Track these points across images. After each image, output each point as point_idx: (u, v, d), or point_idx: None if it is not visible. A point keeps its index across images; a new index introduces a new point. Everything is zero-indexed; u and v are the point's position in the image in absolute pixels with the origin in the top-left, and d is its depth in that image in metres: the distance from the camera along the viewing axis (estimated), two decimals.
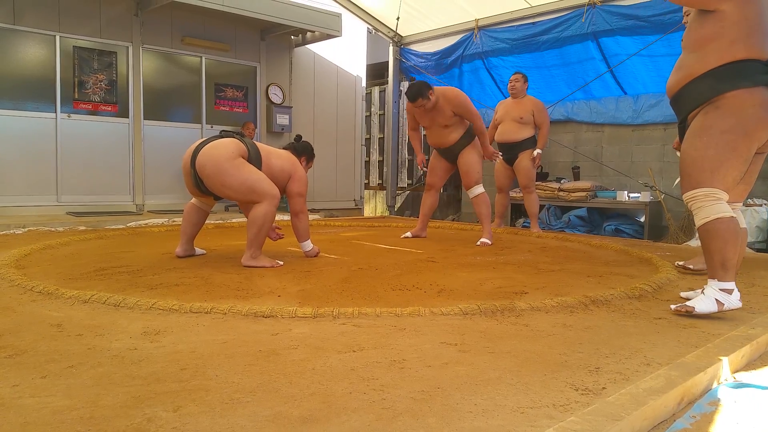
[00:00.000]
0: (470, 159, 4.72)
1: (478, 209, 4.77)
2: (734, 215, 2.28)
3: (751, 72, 2.26)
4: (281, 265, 3.36)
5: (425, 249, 4.27)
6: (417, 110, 4.62)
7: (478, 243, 4.56)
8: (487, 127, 5.29)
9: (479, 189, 4.71)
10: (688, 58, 2.39)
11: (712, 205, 2.27)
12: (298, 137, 3.94)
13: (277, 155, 3.59)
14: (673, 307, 2.38)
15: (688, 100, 2.40)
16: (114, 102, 6.86)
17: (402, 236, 5.00)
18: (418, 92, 4.50)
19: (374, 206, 10.61)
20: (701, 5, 2.29)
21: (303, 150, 3.83)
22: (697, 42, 2.35)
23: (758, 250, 5.07)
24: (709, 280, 2.34)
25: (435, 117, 4.63)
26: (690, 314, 2.30)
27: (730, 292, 2.28)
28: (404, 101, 10.31)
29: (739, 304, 2.30)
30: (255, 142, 3.55)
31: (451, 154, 4.79)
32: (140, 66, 6.96)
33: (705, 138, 2.29)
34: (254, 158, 3.43)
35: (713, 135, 2.27)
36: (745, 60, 2.26)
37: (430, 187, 5.02)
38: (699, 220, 2.32)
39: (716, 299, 2.28)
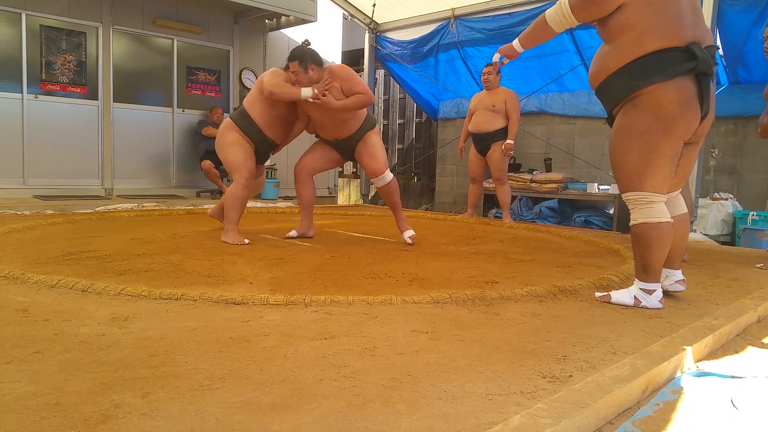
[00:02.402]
0: (374, 141, 3.94)
1: (390, 199, 3.96)
2: (663, 220, 2.27)
3: (666, 63, 2.16)
4: (246, 244, 3.52)
5: (398, 237, 4.28)
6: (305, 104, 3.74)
7: (408, 239, 3.92)
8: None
9: (389, 175, 3.94)
10: (604, 49, 2.32)
11: (641, 208, 2.29)
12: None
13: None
14: (597, 294, 2.47)
15: (608, 98, 2.33)
16: (83, 83, 6.69)
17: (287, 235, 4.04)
18: (298, 54, 3.64)
19: (348, 194, 10.58)
20: (604, 12, 2.23)
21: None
22: (609, 34, 2.28)
23: (723, 243, 5.20)
24: (635, 278, 2.41)
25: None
26: (607, 302, 2.39)
27: (650, 292, 2.34)
28: (379, 90, 10.32)
29: (659, 305, 2.33)
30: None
31: (347, 146, 3.97)
32: (110, 47, 6.79)
33: (626, 141, 2.26)
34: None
35: (634, 137, 2.24)
36: (658, 51, 2.17)
37: (302, 169, 4.00)
38: (631, 221, 2.36)
39: (635, 296, 2.36)
